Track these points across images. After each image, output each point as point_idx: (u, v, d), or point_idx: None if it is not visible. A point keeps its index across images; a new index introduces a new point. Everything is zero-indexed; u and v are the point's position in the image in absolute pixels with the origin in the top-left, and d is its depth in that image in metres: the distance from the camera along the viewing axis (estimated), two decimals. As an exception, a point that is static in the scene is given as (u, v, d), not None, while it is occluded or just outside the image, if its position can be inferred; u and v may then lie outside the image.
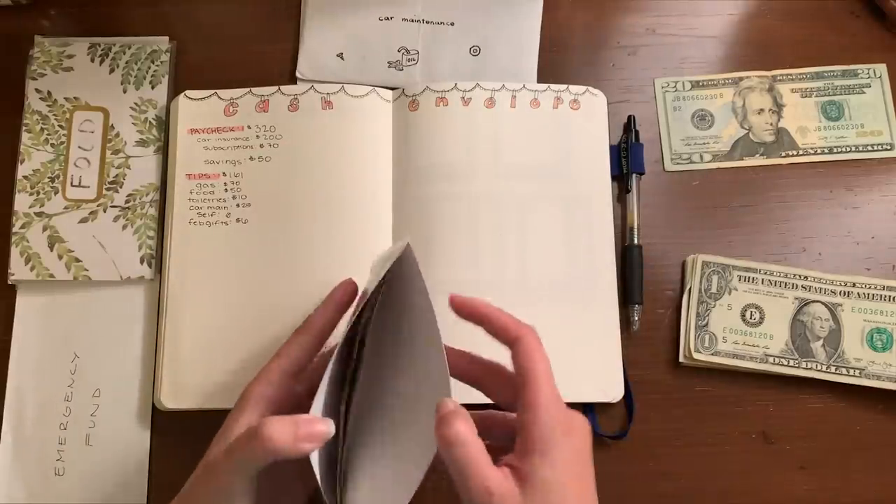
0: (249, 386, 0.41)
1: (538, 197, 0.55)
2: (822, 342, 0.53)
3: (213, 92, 0.56)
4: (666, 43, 0.60)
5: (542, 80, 0.58)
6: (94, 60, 0.58)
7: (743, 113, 0.59)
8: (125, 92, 0.57)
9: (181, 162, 0.55)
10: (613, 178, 0.56)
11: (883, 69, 0.59)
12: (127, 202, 0.55)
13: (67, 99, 0.57)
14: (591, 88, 0.57)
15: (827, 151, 0.58)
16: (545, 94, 0.57)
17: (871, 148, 0.58)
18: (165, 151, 0.56)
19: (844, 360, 0.53)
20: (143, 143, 0.56)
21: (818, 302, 0.54)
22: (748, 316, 0.54)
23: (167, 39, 0.59)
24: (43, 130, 0.56)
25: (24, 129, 0.56)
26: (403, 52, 0.59)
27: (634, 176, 0.56)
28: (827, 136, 0.58)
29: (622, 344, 0.53)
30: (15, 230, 0.54)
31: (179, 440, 0.52)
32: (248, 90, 0.56)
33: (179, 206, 0.54)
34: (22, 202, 0.54)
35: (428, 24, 0.60)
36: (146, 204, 0.55)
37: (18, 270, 0.53)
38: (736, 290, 0.54)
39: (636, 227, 0.55)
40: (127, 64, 0.58)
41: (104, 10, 0.60)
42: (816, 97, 0.59)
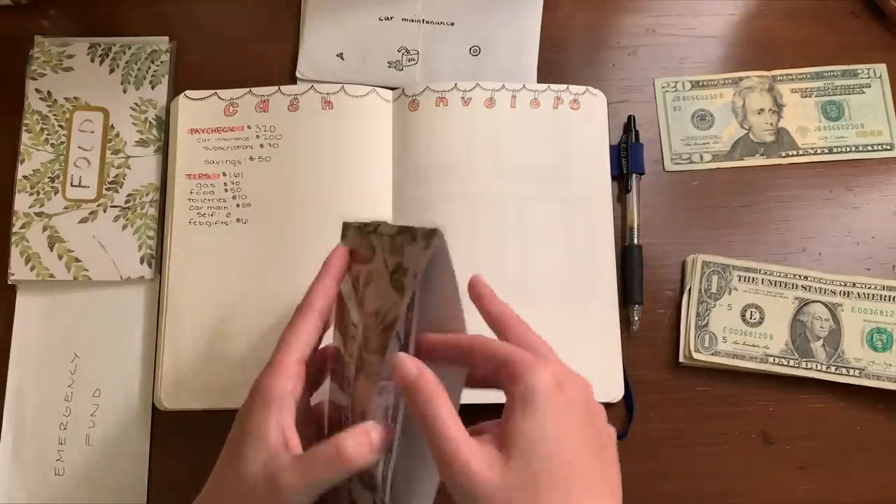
0: (267, 382, 0.37)
1: (538, 197, 0.55)
2: (822, 342, 0.53)
3: (213, 92, 0.56)
4: (666, 43, 0.60)
5: (541, 80, 0.58)
6: (94, 60, 0.58)
7: (743, 113, 0.59)
8: (125, 92, 0.57)
9: (181, 162, 0.55)
10: (613, 178, 0.56)
11: (883, 69, 0.59)
12: (127, 202, 0.55)
13: (67, 99, 0.57)
14: (591, 88, 0.57)
15: (827, 151, 0.58)
16: (545, 94, 0.57)
17: (871, 148, 0.58)
18: (165, 151, 0.56)
19: (844, 360, 0.53)
20: (143, 143, 0.56)
21: (818, 302, 0.54)
22: (748, 316, 0.54)
23: (167, 39, 0.59)
24: (43, 130, 0.56)
25: (24, 129, 0.56)
26: (403, 52, 0.59)
27: (634, 176, 0.56)
28: (827, 136, 0.58)
29: (622, 344, 0.53)
30: (15, 230, 0.54)
31: (179, 440, 0.52)
32: (248, 90, 0.56)
33: (179, 206, 0.54)
34: (22, 202, 0.54)
35: (428, 24, 0.60)
36: (146, 204, 0.55)
37: (18, 270, 0.53)
38: (736, 290, 0.54)
39: (636, 227, 0.55)
40: (127, 64, 0.58)
41: (104, 10, 0.60)
42: (816, 97, 0.59)
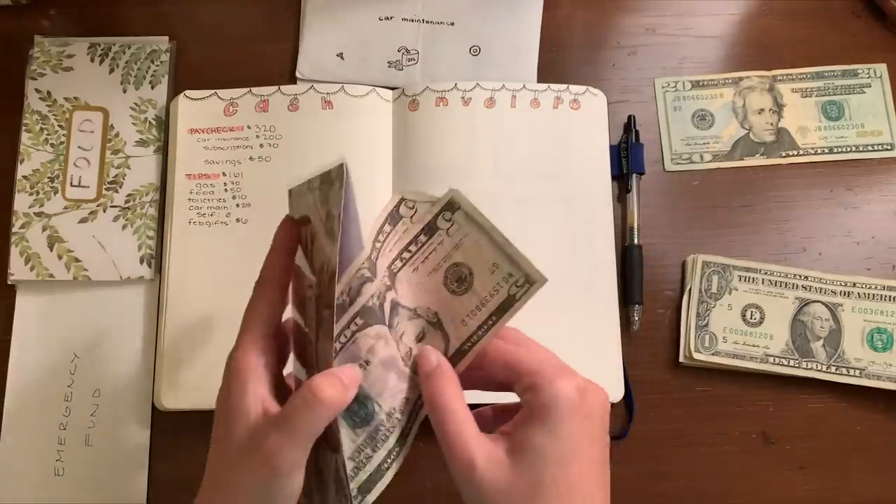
0: (237, 357, 0.36)
1: (538, 197, 0.55)
2: (822, 342, 0.53)
3: (212, 92, 0.56)
4: (666, 43, 0.60)
5: (541, 80, 0.58)
6: (93, 60, 0.58)
7: (743, 113, 0.59)
8: (125, 92, 0.57)
9: (181, 162, 0.55)
10: (613, 178, 0.56)
11: (883, 69, 0.59)
12: (127, 202, 0.55)
13: (67, 99, 0.57)
14: (591, 88, 0.57)
15: (827, 151, 0.58)
16: (545, 94, 0.57)
17: (871, 148, 0.58)
18: (165, 151, 0.56)
19: (845, 360, 0.52)
20: (142, 142, 0.56)
21: (818, 302, 0.54)
22: (748, 316, 0.54)
23: (167, 39, 0.59)
24: (43, 130, 0.56)
25: (23, 128, 0.56)
26: (403, 51, 0.59)
27: (634, 176, 0.56)
28: (827, 135, 0.58)
29: (622, 344, 0.53)
30: (15, 230, 0.54)
31: (179, 440, 0.52)
32: (247, 90, 0.56)
33: (179, 206, 0.54)
34: (22, 202, 0.54)
35: (428, 23, 0.60)
36: (146, 204, 0.55)
37: (18, 270, 0.53)
38: (736, 290, 0.54)
39: (636, 227, 0.55)
40: (127, 64, 0.58)
41: (104, 10, 0.60)
42: (817, 97, 0.59)
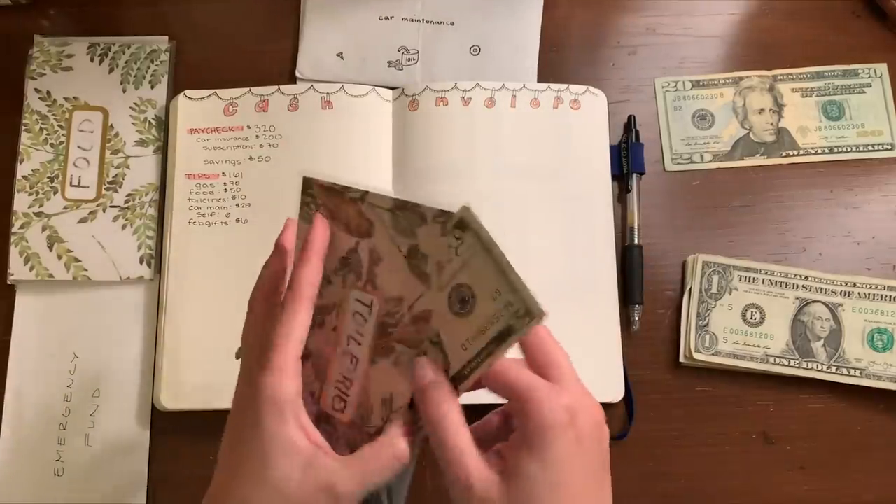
0: (273, 384, 0.34)
1: (538, 197, 0.55)
2: (822, 342, 0.53)
3: (212, 92, 0.56)
4: (666, 42, 0.60)
5: (541, 79, 0.58)
6: (93, 60, 0.57)
7: (743, 113, 0.59)
8: (125, 92, 0.57)
9: (181, 162, 0.55)
10: (613, 178, 0.56)
11: (884, 69, 0.59)
12: (126, 202, 0.55)
13: (67, 99, 0.57)
14: (591, 88, 0.57)
15: (827, 151, 0.58)
16: (545, 93, 0.57)
17: (871, 148, 0.58)
18: (165, 151, 0.56)
19: (845, 360, 0.52)
20: (142, 142, 0.56)
21: (819, 302, 0.54)
22: (749, 316, 0.54)
23: (166, 39, 0.58)
24: (42, 130, 0.56)
25: (23, 128, 0.56)
26: (403, 51, 0.59)
27: (635, 176, 0.56)
28: (827, 135, 0.58)
29: (622, 344, 0.53)
30: (14, 230, 0.54)
31: (179, 440, 0.52)
32: (247, 90, 0.56)
33: (179, 206, 0.54)
34: (21, 202, 0.54)
35: (428, 23, 0.60)
36: (146, 204, 0.55)
37: (18, 270, 0.53)
38: (736, 290, 0.54)
39: (636, 227, 0.55)
40: (126, 64, 0.58)
41: (104, 9, 0.60)
42: (817, 97, 0.59)
